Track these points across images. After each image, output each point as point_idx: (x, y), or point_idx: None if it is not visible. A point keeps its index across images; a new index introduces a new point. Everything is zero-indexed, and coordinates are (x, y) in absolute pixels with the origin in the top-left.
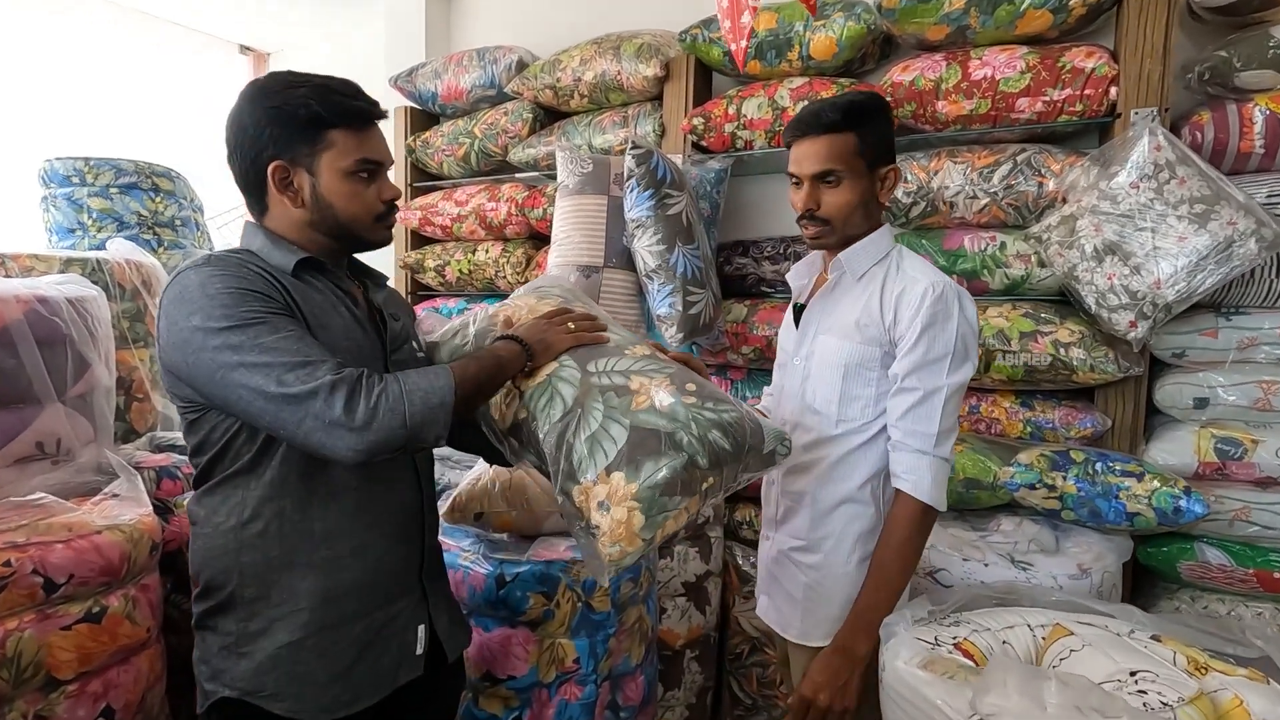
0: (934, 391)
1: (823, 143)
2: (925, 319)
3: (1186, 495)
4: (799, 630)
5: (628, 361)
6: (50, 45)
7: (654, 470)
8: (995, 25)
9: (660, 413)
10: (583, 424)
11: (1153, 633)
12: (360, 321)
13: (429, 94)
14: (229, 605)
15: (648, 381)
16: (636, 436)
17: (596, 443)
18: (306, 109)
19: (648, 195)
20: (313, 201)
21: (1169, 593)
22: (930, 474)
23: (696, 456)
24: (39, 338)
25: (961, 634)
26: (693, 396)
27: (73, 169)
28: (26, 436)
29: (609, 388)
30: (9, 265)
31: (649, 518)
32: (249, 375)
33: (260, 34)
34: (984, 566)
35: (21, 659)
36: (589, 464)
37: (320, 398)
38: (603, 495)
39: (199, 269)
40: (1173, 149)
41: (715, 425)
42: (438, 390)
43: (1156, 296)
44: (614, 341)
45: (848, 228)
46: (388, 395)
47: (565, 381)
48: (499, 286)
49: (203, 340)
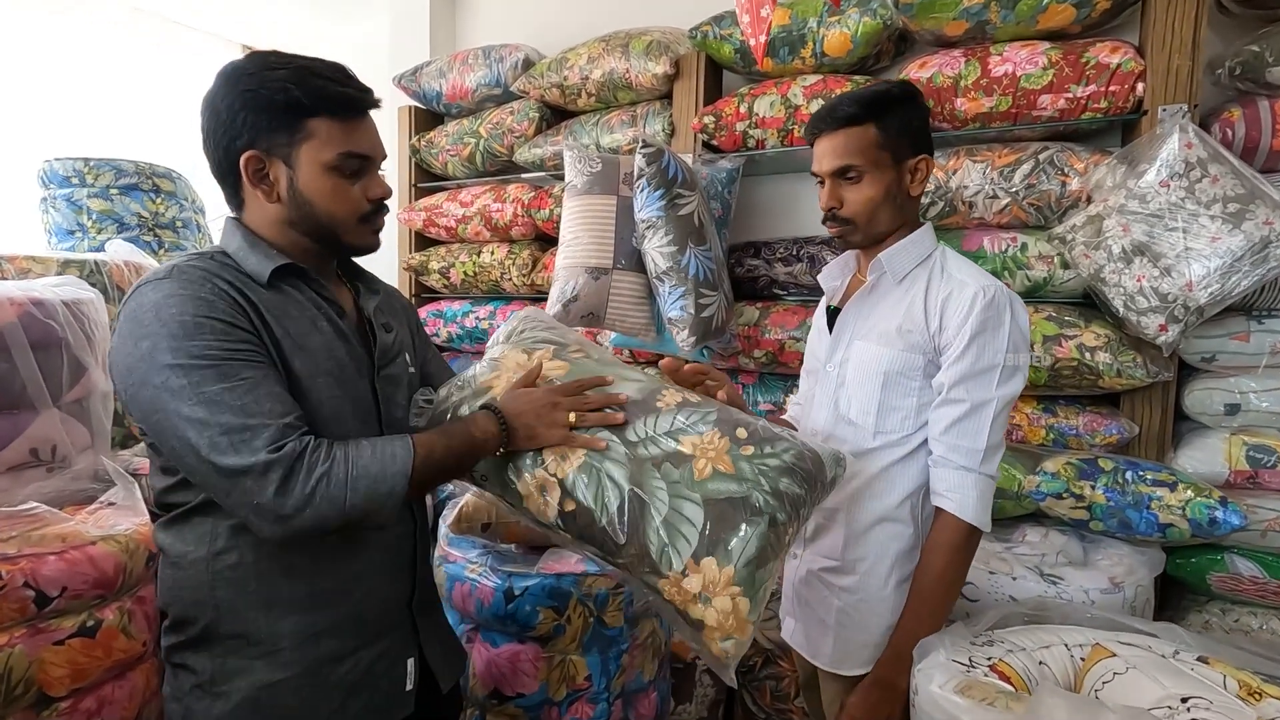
0: (982, 404)
1: (840, 137)
2: (975, 326)
3: (1223, 506)
4: (831, 657)
5: (667, 419)
6: (49, 44)
7: (743, 546)
8: (1016, 20)
9: (727, 477)
10: (649, 509)
11: (1199, 654)
12: (345, 335)
13: (434, 93)
14: (202, 641)
15: (700, 440)
16: (713, 512)
17: (674, 529)
18: (285, 94)
19: (659, 195)
20: (289, 197)
21: (1198, 605)
22: (975, 492)
23: (776, 514)
24: (34, 341)
25: (996, 654)
26: (750, 445)
27: (72, 170)
28: (20, 443)
29: (661, 458)
30: (5, 267)
31: (753, 600)
32: (184, 426)
33: (262, 32)
34: (1012, 580)
35: (12, 676)
36: (671, 554)
37: (251, 477)
38: (697, 587)
39: (158, 284)
40: (1204, 146)
41: (783, 472)
42: (389, 476)
43: (1188, 299)
44: (634, 394)
45: (873, 225)
46: (329, 480)
47: (612, 461)
48: (504, 289)
49: (145, 373)
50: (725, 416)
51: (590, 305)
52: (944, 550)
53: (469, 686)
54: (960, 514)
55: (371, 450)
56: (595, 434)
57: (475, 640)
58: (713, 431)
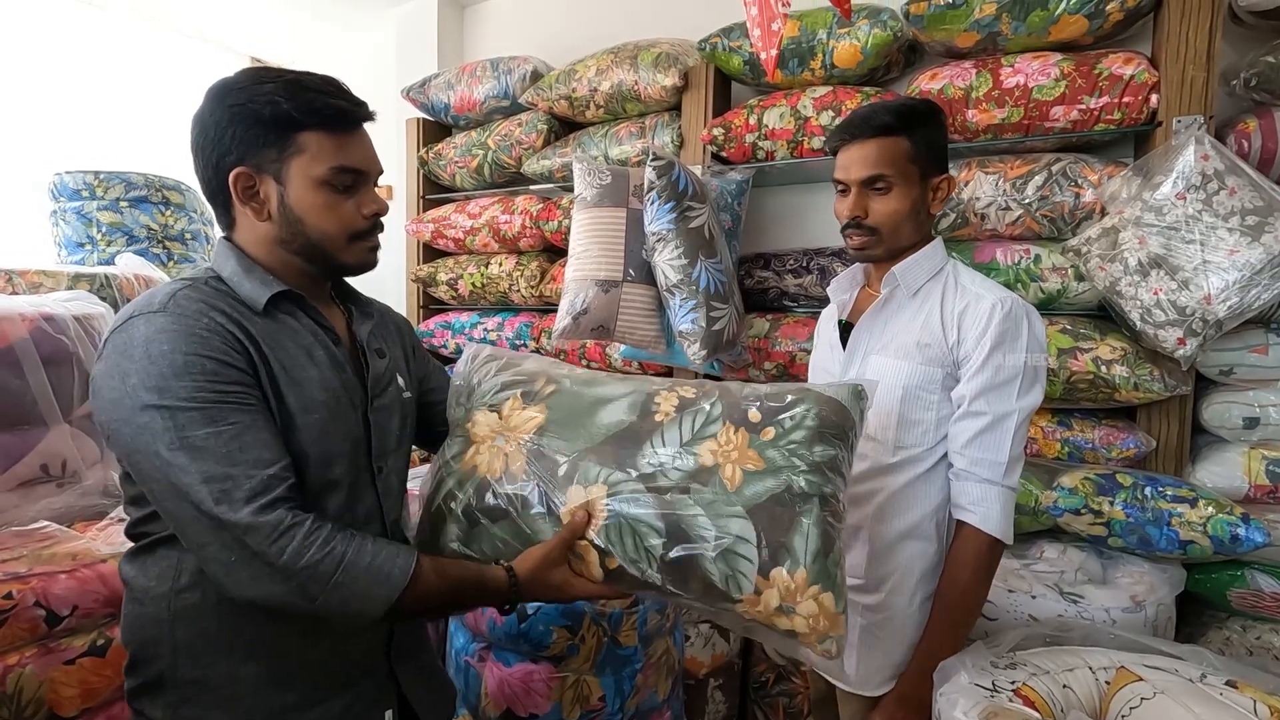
0: (1004, 416)
1: (873, 146)
2: (994, 338)
3: (1245, 522)
4: (854, 677)
5: (674, 433)
6: (60, 58)
7: (805, 542)
8: (1028, 31)
9: (761, 474)
10: (697, 543)
11: (1227, 678)
12: (341, 364)
13: (442, 105)
14: (158, 686)
15: (717, 445)
16: (763, 519)
17: (730, 554)
18: (274, 107)
19: (669, 208)
20: (280, 215)
21: (1218, 622)
22: (999, 505)
23: (823, 489)
24: (44, 356)
25: (1020, 678)
26: (769, 426)
27: (82, 183)
28: (31, 459)
29: (685, 481)
30: (16, 281)
31: (835, 591)
32: (164, 469)
33: (271, 45)
34: (1031, 599)
35: (22, 696)
36: (739, 580)
37: (232, 533)
38: (776, 600)
39: (151, 318)
40: (1221, 158)
41: (813, 441)
42: (372, 598)
43: (1207, 312)
44: (626, 413)
45: (896, 238)
46: (313, 573)
47: (637, 505)
48: (513, 300)
49: (129, 410)
50: (730, 402)
51: (600, 318)
52: (968, 564)
53: (481, 706)
54: (984, 527)
55: (370, 560)
56: (610, 476)
57: (487, 659)
58: (725, 428)
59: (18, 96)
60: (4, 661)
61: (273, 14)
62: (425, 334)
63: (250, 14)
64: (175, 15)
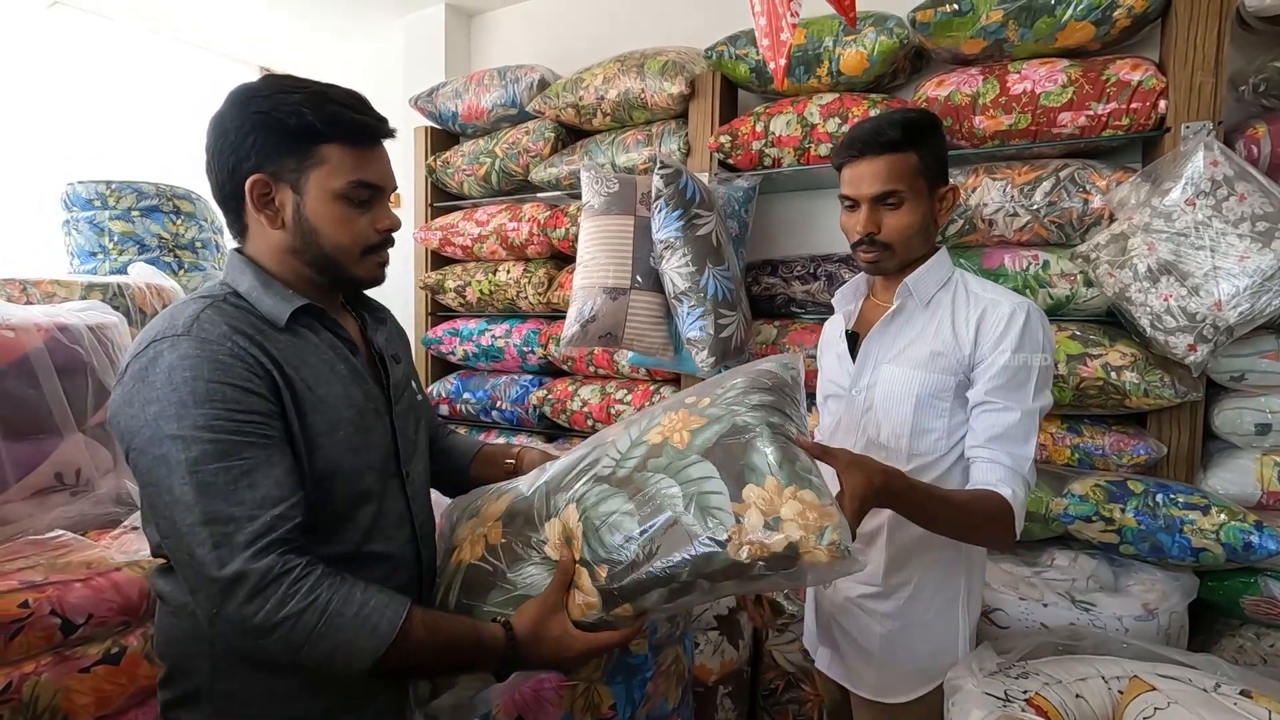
0: (1030, 414)
1: (883, 163)
2: (1014, 343)
3: (1258, 530)
4: (874, 685)
5: (624, 439)
6: (71, 70)
7: (766, 456)
8: (1034, 38)
9: (704, 427)
10: (667, 504)
11: (1241, 687)
12: (362, 375)
13: (449, 114)
14: (197, 697)
15: (663, 425)
16: (718, 455)
17: (702, 495)
18: (298, 118)
19: (676, 215)
20: (295, 224)
21: (1231, 629)
22: (1024, 493)
23: (768, 419)
24: (59, 366)
25: (1032, 688)
26: (705, 398)
27: (94, 192)
28: (46, 467)
29: (642, 461)
30: (31, 291)
31: (814, 488)
32: (171, 505)
33: (280, 55)
34: (1043, 607)
35: (38, 703)
36: (718, 515)
37: (219, 586)
38: (758, 518)
39: (176, 342)
40: (1230, 164)
41: (746, 392)
42: (356, 650)
43: (1217, 319)
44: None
45: (908, 252)
46: (295, 623)
47: (605, 502)
48: (520, 307)
49: (147, 440)
50: (672, 400)
51: (608, 325)
52: (982, 509)
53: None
54: (1014, 504)
55: (357, 610)
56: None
57: None
58: (668, 414)
59: (31, 108)
60: (20, 670)
61: (282, 24)
62: (433, 340)
63: (260, 25)
64: (186, 27)
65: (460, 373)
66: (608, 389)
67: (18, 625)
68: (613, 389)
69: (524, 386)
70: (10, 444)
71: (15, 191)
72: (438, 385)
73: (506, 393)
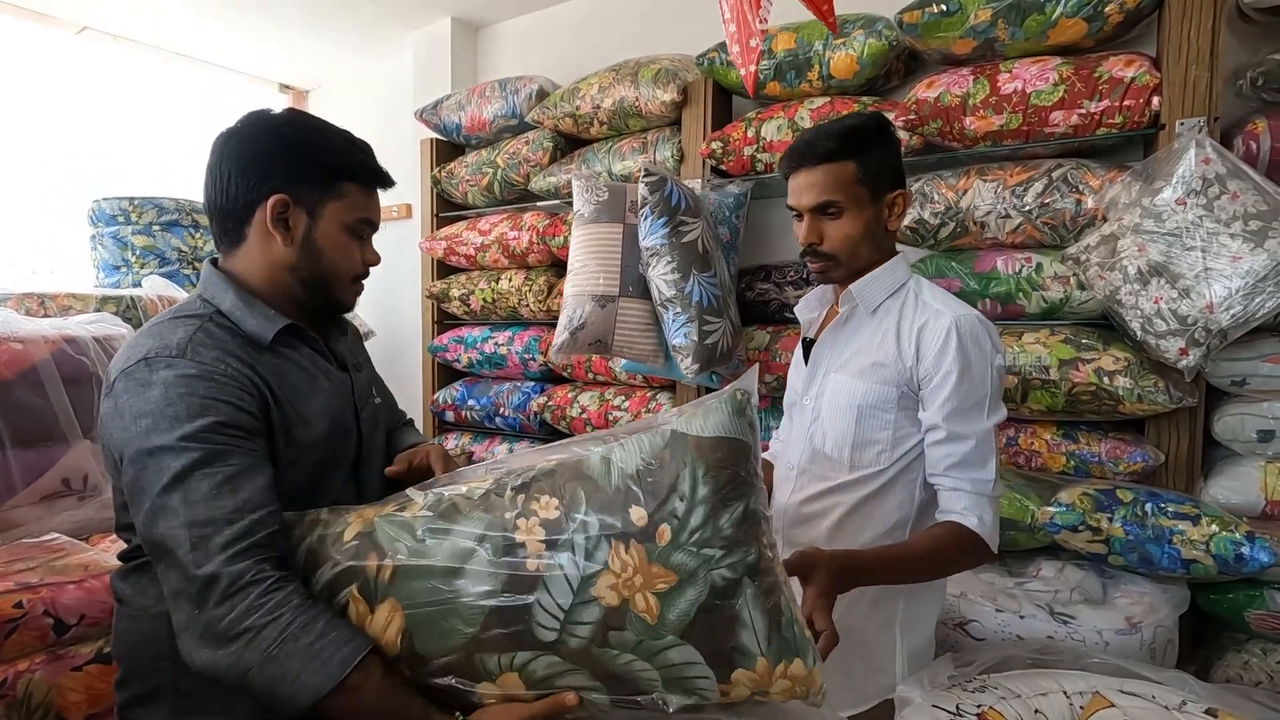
0: (984, 437)
1: (819, 173)
2: (959, 361)
3: (1250, 541)
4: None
5: (560, 585)
6: (100, 92)
7: (754, 634)
8: (1025, 36)
9: (676, 589)
10: (645, 686)
11: (1208, 705)
12: (339, 388)
13: (453, 125)
14: (157, 696)
15: (614, 577)
16: (700, 636)
17: (685, 680)
18: (333, 156)
19: (662, 223)
20: (303, 244)
21: (1237, 644)
22: (991, 513)
23: (747, 558)
24: (65, 376)
25: (987, 701)
26: (660, 525)
27: (118, 208)
28: (53, 473)
29: (597, 631)
30: (48, 304)
31: (801, 653)
32: (154, 513)
33: (299, 72)
34: (1019, 619)
35: (31, 700)
36: (704, 693)
37: (195, 587)
38: (747, 693)
39: (173, 364)
40: (1223, 161)
41: (710, 513)
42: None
43: (1209, 321)
44: (490, 559)
45: (854, 261)
46: (254, 637)
47: (562, 678)
48: (522, 314)
49: (136, 451)
50: (602, 504)
51: (597, 332)
52: (956, 544)
53: None
54: (981, 532)
55: (312, 640)
56: (514, 661)
57: None
58: (613, 551)
59: (62, 129)
60: (14, 667)
61: (298, 44)
62: (439, 348)
63: (279, 44)
64: (207, 49)
65: (465, 379)
66: (606, 395)
67: (12, 625)
68: (611, 395)
69: (526, 393)
70: (19, 451)
71: (51, 209)
72: (443, 392)
73: (509, 399)
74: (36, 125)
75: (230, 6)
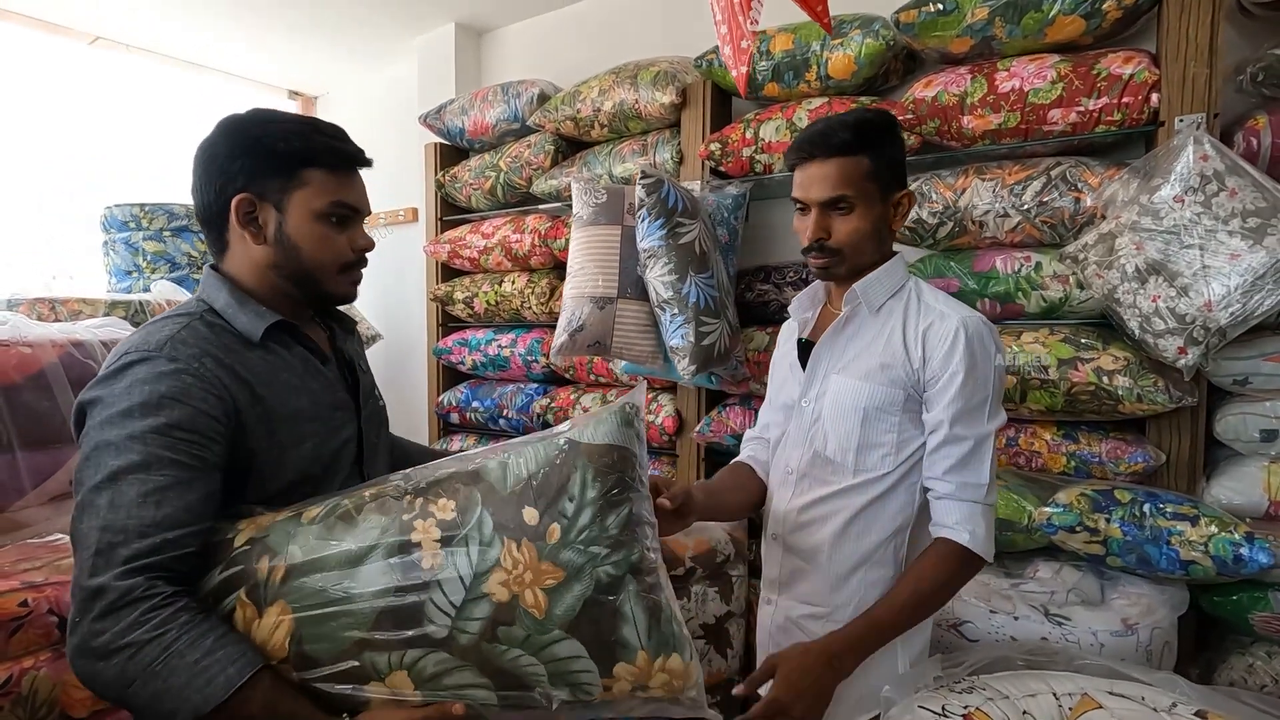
0: (983, 440)
1: (833, 165)
2: (966, 362)
3: (1249, 542)
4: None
5: (453, 582)
6: (111, 100)
7: (634, 629)
8: (1023, 34)
9: (562, 585)
10: (531, 681)
11: (1198, 708)
12: (332, 385)
13: (457, 130)
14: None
15: (504, 572)
16: (585, 630)
17: (570, 674)
18: (286, 143)
19: (658, 224)
20: (276, 241)
21: (1241, 647)
22: (984, 524)
23: (630, 558)
24: (73, 380)
25: (974, 702)
26: (551, 523)
27: (129, 215)
28: (61, 475)
29: (488, 627)
30: (59, 309)
31: (678, 644)
32: (81, 507)
33: (307, 79)
34: (1014, 620)
35: (37, 697)
36: (586, 688)
37: (84, 595)
38: (628, 687)
39: (153, 361)
40: (1221, 158)
41: (599, 514)
42: (181, 703)
43: (1208, 320)
44: (386, 555)
45: (859, 257)
46: (136, 652)
47: (451, 676)
48: (525, 317)
49: (87, 440)
50: (496, 504)
51: (596, 334)
52: (947, 568)
53: None
54: (974, 547)
55: (198, 658)
56: (404, 659)
57: None
58: (505, 549)
59: (75, 138)
60: (20, 665)
61: (307, 51)
62: (444, 350)
63: (286, 52)
64: (218, 57)
65: (470, 382)
66: (608, 397)
67: (18, 623)
68: (613, 397)
69: (529, 395)
70: (28, 453)
71: (64, 215)
72: (448, 394)
73: (513, 401)
74: (51, 133)
75: (240, 15)
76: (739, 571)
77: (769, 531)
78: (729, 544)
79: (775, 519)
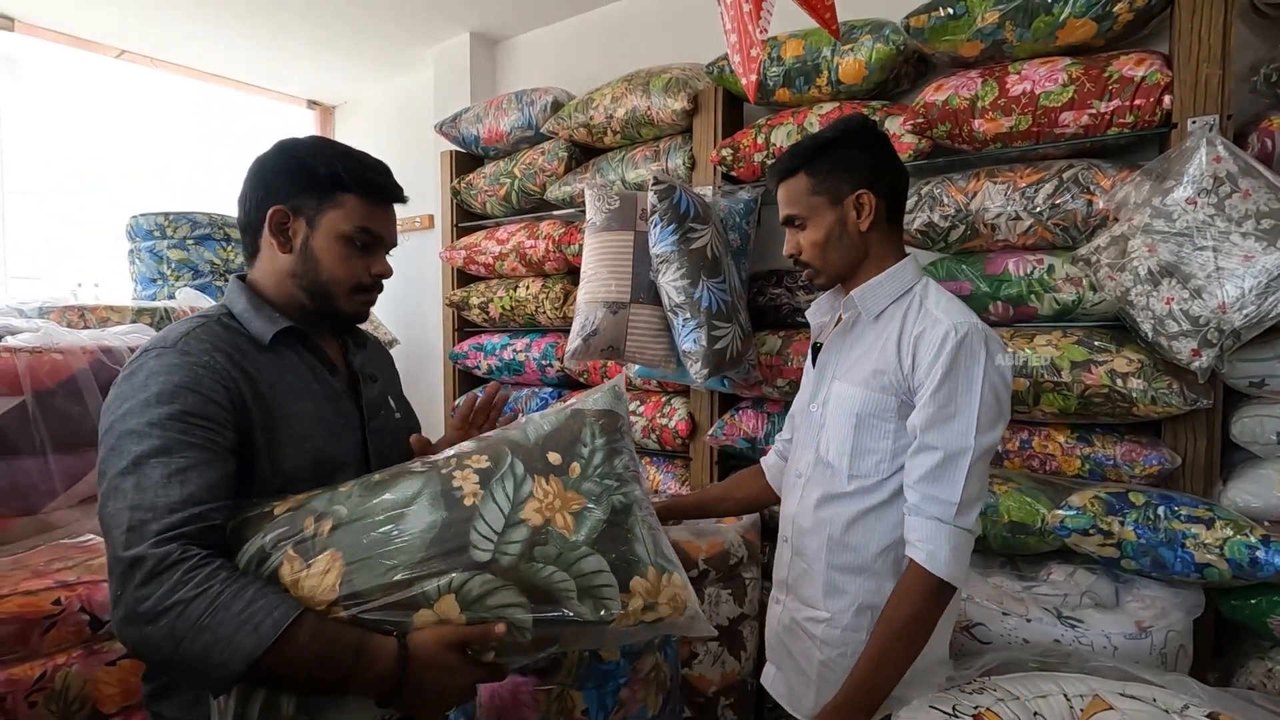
0: (958, 454)
1: (782, 189)
2: (945, 366)
3: (1265, 545)
4: (811, 710)
5: (493, 511)
6: (137, 111)
7: (643, 545)
8: (1034, 38)
9: (586, 511)
10: (562, 596)
11: (1210, 709)
12: (337, 393)
13: (472, 137)
14: (176, 687)
15: (538, 502)
16: (607, 546)
17: (594, 587)
18: (329, 168)
19: (670, 230)
20: (300, 252)
21: (1260, 651)
22: (949, 545)
23: (633, 493)
24: (103, 385)
25: (985, 703)
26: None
27: (154, 224)
28: (91, 478)
29: (527, 549)
30: (88, 316)
31: (675, 566)
32: (108, 494)
33: (325, 89)
34: (1026, 622)
35: (69, 693)
36: (608, 604)
37: (124, 567)
38: (641, 603)
39: (163, 354)
40: (1234, 160)
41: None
42: (234, 649)
43: (1222, 322)
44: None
45: (828, 266)
46: (184, 610)
47: (494, 595)
48: (540, 322)
49: (108, 432)
50: (525, 452)
51: (610, 339)
52: (910, 601)
53: (475, 718)
54: (930, 566)
55: (245, 605)
56: (452, 583)
57: None
58: (536, 482)
59: (103, 148)
60: (53, 661)
61: (325, 62)
62: (460, 355)
63: (305, 63)
64: (241, 70)
65: (485, 386)
66: None
67: (50, 621)
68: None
69: (544, 399)
70: (59, 456)
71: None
72: (464, 399)
73: (528, 405)
74: (79, 144)
75: (261, 29)
76: (752, 574)
77: (780, 533)
78: (742, 546)
79: (785, 521)
